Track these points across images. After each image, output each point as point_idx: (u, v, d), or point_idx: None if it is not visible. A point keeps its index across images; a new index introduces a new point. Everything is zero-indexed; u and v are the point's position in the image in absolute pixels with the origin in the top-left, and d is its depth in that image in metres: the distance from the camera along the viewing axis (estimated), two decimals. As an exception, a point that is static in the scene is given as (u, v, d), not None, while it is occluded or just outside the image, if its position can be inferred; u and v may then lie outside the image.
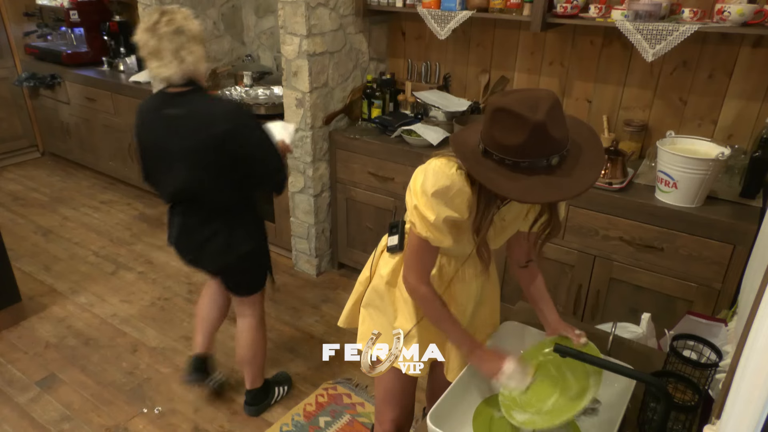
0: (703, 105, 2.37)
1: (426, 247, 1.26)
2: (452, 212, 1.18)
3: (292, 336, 2.77)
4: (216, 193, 1.88)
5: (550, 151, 1.05)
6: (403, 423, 1.61)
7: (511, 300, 2.39)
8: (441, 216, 1.18)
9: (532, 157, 1.04)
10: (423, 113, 2.89)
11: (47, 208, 4.16)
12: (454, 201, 1.18)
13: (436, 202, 1.17)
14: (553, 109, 1.03)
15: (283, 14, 2.72)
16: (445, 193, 1.17)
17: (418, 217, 1.21)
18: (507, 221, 1.31)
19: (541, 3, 2.28)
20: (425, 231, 1.21)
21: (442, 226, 1.20)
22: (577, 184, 1.06)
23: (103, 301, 3.04)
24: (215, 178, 1.83)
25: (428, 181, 1.17)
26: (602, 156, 1.14)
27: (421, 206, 1.19)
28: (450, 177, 1.16)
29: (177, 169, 1.84)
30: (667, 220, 2.11)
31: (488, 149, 1.09)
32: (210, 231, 1.92)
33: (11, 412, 2.29)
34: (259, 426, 2.24)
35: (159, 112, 1.83)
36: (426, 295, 1.32)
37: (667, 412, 1.09)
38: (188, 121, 1.78)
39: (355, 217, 3.06)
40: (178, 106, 1.79)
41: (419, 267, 1.30)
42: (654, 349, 1.63)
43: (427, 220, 1.19)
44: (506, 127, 1.04)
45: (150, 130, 1.87)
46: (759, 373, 0.68)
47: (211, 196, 1.88)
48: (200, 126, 1.77)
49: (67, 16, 4.32)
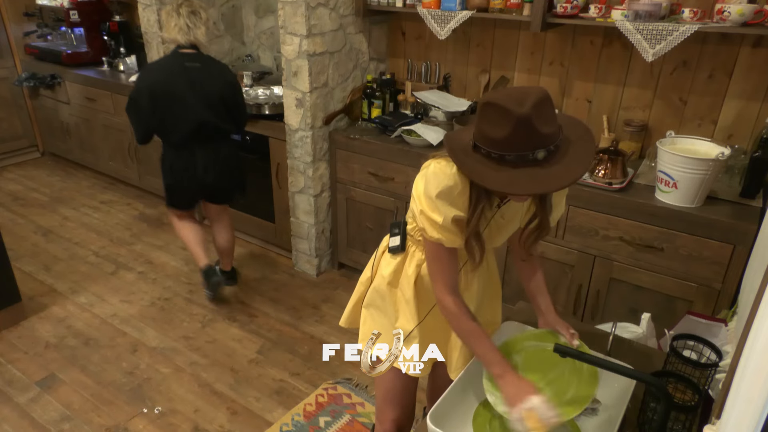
0: (703, 105, 2.37)
1: (442, 250, 1.25)
2: (458, 211, 1.19)
3: (292, 336, 2.77)
4: (225, 124, 2.66)
5: (535, 145, 1.05)
6: (404, 423, 1.61)
7: (512, 300, 2.39)
8: (449, 216, 1.18)
9: (517, 150, 1.05)
10: (423, 113, 2.89)
11: (47, 208, 4.16)
12: (458, 200, 1.19)
13: (441, 203, 1.18)
14: (540, 103, 1.04)
15: (283, 14, 2.72)
16: (449, 193, 1.18)
17: (426, 222, 1.21)
18: (506, 219, 1.30)
19: (541, 3, 2.28)
20: (436, 233, 1.21)
21: (451, 227, 1.20)
22: (561, 178, 1.06)
23: (103, 301, 3.04)
24: (225, 113, 2.64)
25: (430, 184, 1.18)
26: (591, 152, 1.14)
27: (427, 210, 1.19)
28: (452, 177, 1.17)
29: (198, 108, 2.54)
30: (667, 220, 2.11)
31: (477, 143, 1.11)
32: (226, 152, 2.73)
33: (11, 412, 2.29)
34: (259, 426, 2.24)
35: (182, 65, 2.53)
36: (451, 307, 1.27)
37: (667, 412, 1.09)
38: (205, 72, 2.57)
39: (355, 217, 3.06)
40: (195, 61, 2.56)
41: (442, 275, 1.28)
42: (654, 349, 1.63)
43: (436, 223, 1.19)
44: (493, 121, 1.06)
45: (171, 81, 2.51)
46: (759, 373, 0.68)
47: (221, 126, 2.64)
48: (216, 75, 2.60)
49: (67, 16, 4.32)
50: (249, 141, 3.27)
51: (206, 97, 2.55)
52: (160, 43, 3.30)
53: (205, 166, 2.66)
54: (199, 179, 2.68)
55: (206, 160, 2.66)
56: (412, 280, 1.39)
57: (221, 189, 2.84)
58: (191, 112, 2.54)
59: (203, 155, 2.65)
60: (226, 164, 2.72)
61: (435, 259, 1.28)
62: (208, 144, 2.65)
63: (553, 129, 1.07)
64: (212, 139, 2.65)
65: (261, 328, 2.83)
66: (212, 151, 2.67)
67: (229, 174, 2.76)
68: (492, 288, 1.52)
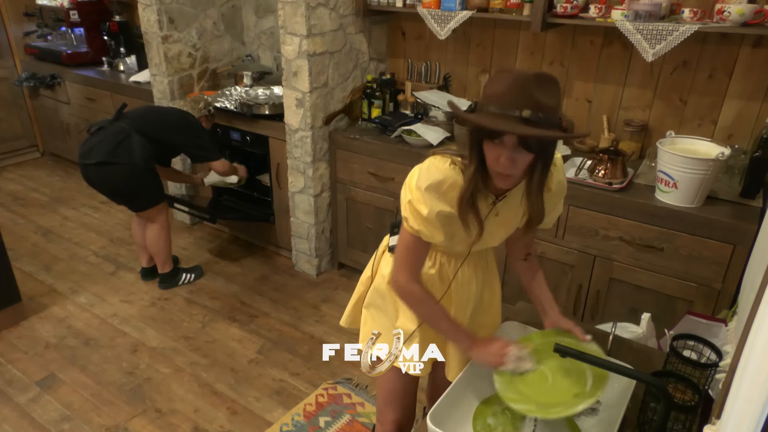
0: (703, 105, 2.37)
1: (417, 243, 1.28)
2: (445, 206, 1.21)
3: (292, 336, 2.77)
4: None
5: (525, 105, 1.06)
6: (404, 423, 1.61)
7: (512, 300, 2.39)
8: (434, 210, 1.21)
9: (508, 105, 1.07)
10: (423, 113, 2.89)
11: (47, 208, 4.16)
12: (447, 195, 1.20)
13: (430, 196, 1.20)
14: (545, 78, 1.08)
15: (283, 14, 2.72)
16: (438, 188, 1.20)
17: (411, 212, 1.24)
18: (502, 218, 1.30)
19: (541, 3, 2.28)
20: (417, 225, 1.24)
21: (434, 221, 1.22)
22: (538, 133, 1.07)
23: (103, 301, 3.04)
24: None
25: (422, 176, 1.21)
26: (569, 129, 1.19)
27: (414, 201, 1.22)
28: (443, 171, 1.20)
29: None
30: (667, 220, 2.11)
31: (477, 101, 1.13)
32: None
33: (11, 412, 2.29)
34: (259, 426, 2.24)
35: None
36: (418, 294, 1.32)
37: (667, 412, 1.09)
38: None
39: (355, 217, 3.06)
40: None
41: (410, 265, 1.32)
42: (654, 349, 1.63)
43: (420, 215, 1.22)
44: (495, 80, 1.11)
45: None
46: (759, 373, 0.68)
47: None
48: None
49: (67, 16, 4.32)
50: (249, 141, 3.27)
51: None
52: (160, 43, 3.30)
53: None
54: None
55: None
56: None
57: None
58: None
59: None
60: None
61: (408, 249, 1.30)
62: None
63: (551, 103, 1.08)
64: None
65: (261, 328, 2.83)
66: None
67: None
68: (491, 288, 1.52)
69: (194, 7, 3.40)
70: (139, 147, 2.73)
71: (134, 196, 2.89)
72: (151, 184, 2.89)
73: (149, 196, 2.92)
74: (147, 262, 3.20)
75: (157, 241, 3.04)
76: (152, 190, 2.92)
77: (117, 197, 2.94)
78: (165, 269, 3.14)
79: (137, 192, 2.86)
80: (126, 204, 2.98)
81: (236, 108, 3.19)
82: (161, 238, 3.04)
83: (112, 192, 2.87)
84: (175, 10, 3.30)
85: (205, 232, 3.83)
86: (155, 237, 3.02)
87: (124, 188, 2.81)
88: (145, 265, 3.21)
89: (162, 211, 3.01)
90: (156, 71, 3.44)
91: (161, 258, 3.10)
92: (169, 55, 3.35)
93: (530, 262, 1.47)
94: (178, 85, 3.46)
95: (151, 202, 2.93)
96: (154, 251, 3.08)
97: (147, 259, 3.20)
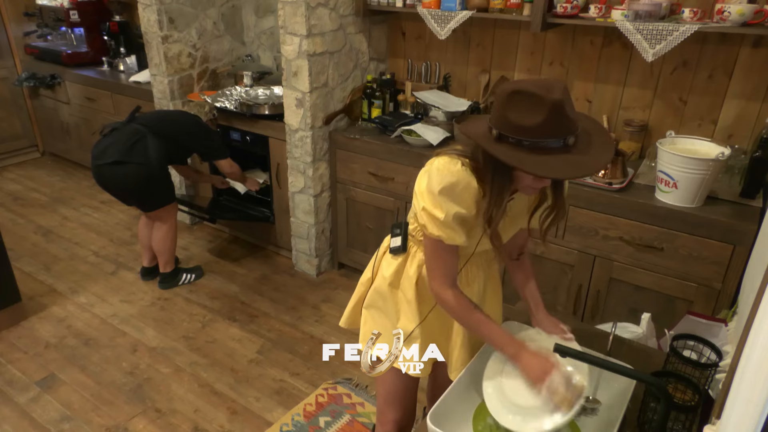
0: (703, 105, 2.37)
1: (442, 247, 1.24)
2: (460, 208, 1.19)
3: (292, 336, 2.77)
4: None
5: (567, 131, 1.07)
6: (404, 424, 1.61)
7: (512, 300, 2.39)
8: (450, 213, 1.18)
9: (551, 136, 1.06)
10: (423, 113, 2.89)
11: (47, 208, 4.16)
12: (461, 197, 1.18)
13: (444, 199, 1.18)
14: (566, 91, 1.07)
15: (283, 14, 2.71)
16: (452, 190, 1.17)
17: (428, 218, 1.21)
18: (511, 216, 1.30)
19: (541, 3, 2.28)
20: (437, 230, 1.21)
21: (452, 224, 1.20)
22: (594, 161, 1.10)
23: (103, 301, 3.04)
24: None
25: (433, 180, 1.18)
26: (611, 139, 1.18)
27: (429, 206, 1.19)
28: (455, 173, 1.17)
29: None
30: (667, 220, 2.11)
31: (503, 133, 1.10)
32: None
33: (11, 412, 2.29)
34: (259, 426, 2.24)
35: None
36: (453, 300, 1.28)
37: (667, 412, 1.09)
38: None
39: (355, 217, 3.06)
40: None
41: (441, 270, 1.28)
42: (654, 349, 1.63)
43: (438, 219, 1.19)
44: (523, 109, 1.06)
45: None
46: (759, 373, 0.68)
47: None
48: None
49: (67, 16, 4.32)
50: (249, 141, 3.27)
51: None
52: (160, 43, 3.30)
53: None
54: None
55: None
56: (414, 281, 1.39)
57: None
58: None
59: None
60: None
61: (434, 256, 1.28)
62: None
63: (576, 116, 1.09)
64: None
65: (261, 328, 2.83)
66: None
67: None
68: (493, 286, 1.52)
69: (194, 7, 3.40)
70: (154, 148, 2.77)
71: (147, 196, 2.90)
72: (164, 184, 2.93)
73: (161, 196, 2.94)
74: (149, 261, 3.21)
75: (164, 241, 3.06)
76: (164, 190, 2.95)
77: (129, 197, 2.95)
78: (167, 269, 3.15)
79: (150, 192, 2.88)
80: (138, 204, 2.99)
81: (236, 108, 3.19)
82: (169, 238, 3.07)
83: (125, 192, 2.89)
84: (175, 10, 3.30)
85: (205, 232, 3.83)
86: (163, 236, 3.04)
87: (138, 188, 2.83)
88: (147, 264, 3.22)
89: (172, 212, 3.05)
90: (156, 71, 3.44)
91: (165, 258, 3.12)
92: (169, 55, 3.35)
93: (522, 261, 1.47)
94: (178, 85, 3.46)
95: (162, 202, 2.96)
96: (160, 250, 3.09)
97: (149, 259, 3.20)
